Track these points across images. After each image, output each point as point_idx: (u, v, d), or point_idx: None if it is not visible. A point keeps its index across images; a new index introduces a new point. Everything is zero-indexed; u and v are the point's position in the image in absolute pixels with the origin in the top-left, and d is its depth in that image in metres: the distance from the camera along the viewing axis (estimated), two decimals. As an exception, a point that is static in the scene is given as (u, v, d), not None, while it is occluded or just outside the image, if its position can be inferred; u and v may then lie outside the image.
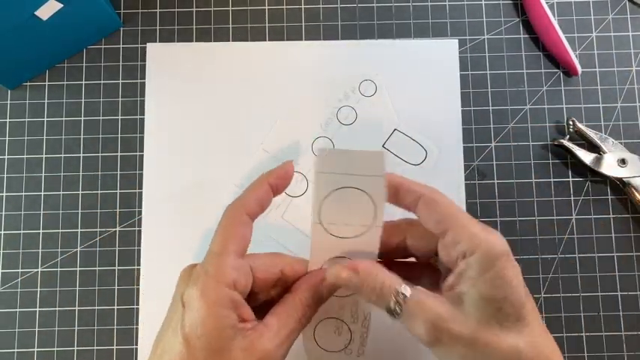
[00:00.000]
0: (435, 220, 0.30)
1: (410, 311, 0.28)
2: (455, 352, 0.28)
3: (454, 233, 0.29)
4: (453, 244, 0.29)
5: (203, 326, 0.28)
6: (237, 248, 0.30)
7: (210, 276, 0.29)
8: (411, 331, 0.29)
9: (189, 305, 0.29)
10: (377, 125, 0.44)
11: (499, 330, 0.27)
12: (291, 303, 0.31)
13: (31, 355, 0.42)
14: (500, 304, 0.27)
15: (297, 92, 0.44)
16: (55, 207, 0.43)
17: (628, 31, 0.46)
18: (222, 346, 0.28)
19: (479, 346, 0.27)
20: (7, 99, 0.45)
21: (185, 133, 0.44)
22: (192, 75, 0.45)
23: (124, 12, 0.46)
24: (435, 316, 0.28)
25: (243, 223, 0.31)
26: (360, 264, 0.30)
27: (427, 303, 0.28)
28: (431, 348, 0.29)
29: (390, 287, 0.29)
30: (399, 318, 0.29)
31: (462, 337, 0.27)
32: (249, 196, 0.31)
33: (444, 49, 0.45)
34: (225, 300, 0.28)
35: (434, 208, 0.30)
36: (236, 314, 0.29)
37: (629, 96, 0.45)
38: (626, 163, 0.42)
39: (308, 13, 0.46)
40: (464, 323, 0.28)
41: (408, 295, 0.28)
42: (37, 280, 0.43)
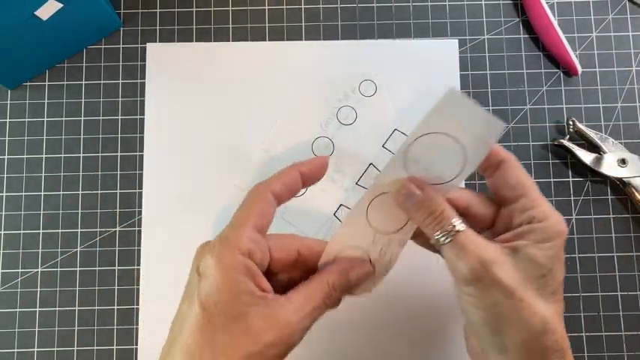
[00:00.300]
0: (512, 185, 0.31)
1: (460, 244, 0.29)
2: (490, 296, 0.28)
3: (527, 200, 0.30)
4: (523, 210, 0.30)
5: (219, 293, 0.28)
6: (257, 222, 0.30)
7: (226, 243, 0.29)
8: (451, 265, 0.30)
9: (204, 274, 0.28)
10: (377, 125, 0.44)
11: (536, 294, 0.29)
12: (317, 281, 0.31)
13: (31, 355, 0.42)
14: (545, 273, 0.29)
15: (297, 92, 0.44)
16: (55, 207, 0.43)
17: (628, 31, 0.46)
18: (240, 311, 0.28)
19: (514, 298, 0.28)
20: (7, 99, 0.45)
21: (185, 133, 0.44)
22: (192, 75, 0.45)
23: (124, 12, 0.46)
24: (485, 256, 0.28)
25: (267, 201, 0.31)
26: (427, 187, 0.31)
27: (479, 242, 0.29)
28: (465, 286, 0.29)
29: (448, 216, 0.30)
30: (444, 248, 0.30)
31: (504, 284, 0.28)
32: (277, 179, 0.32)
33: (444, 49, 0.45)
34: (241, 266, 0.28)
35: (514, 174, 0.31)
36: (253, 282, 0.28)
37: (629, 96, 0.45)
38: (626, 163, 0.42)
39: (308, 13, 0.46)
40: (510, 273, 0.28)
41: (463, 229, 0.29)
42: (37, 280, 0.43)
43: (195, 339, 0.28)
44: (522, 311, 0.28)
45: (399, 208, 0.32)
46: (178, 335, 0.28)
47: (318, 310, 0.30)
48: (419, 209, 0.31)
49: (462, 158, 0.31)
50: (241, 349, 0.27)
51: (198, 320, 0.28)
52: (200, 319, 0.28)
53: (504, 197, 0.31)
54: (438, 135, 0.32)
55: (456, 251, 0.29)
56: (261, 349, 0.28)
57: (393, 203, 0.32)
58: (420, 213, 0.31)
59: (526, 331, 0.28)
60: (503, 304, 0.28)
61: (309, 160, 0.33)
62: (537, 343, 0.28)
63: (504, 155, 0.32)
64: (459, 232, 0.29)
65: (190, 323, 0.28)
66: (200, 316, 0.28)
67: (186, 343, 0.28)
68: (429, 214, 0.30)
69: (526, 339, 0.28)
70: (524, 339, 0.28)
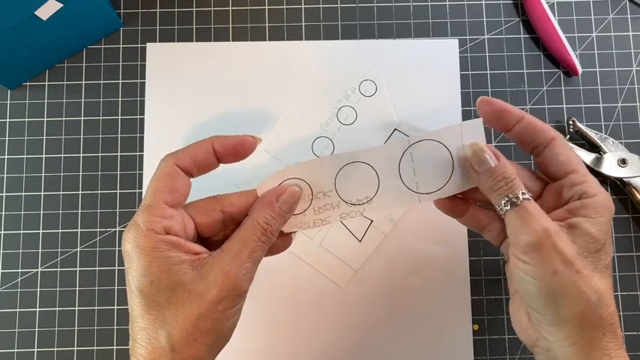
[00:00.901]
0: (561, 162, 0.32)
1: (526, 211, 0.30)
2: (549, 265, 0.29)
3: (577, 176, 0.31)
4: (572, 185, 0.31)
5: (149, 274, 0.29)
6: (168, 199, 0.31)
7: (140, 227, 0.29)
8: (513, 231, 0.31)
9: (130, 261, 0.29)
10: (377, 125, 0.44)
11: (592, 267, 0.29)
12: (248, 224, 0.31)
13: (31, 355, 0.42)
14: (599, 247, 0.30)
15: (297, 92, 0.44)
16: (55, 207, 0.43)
17: (628, 31, 0.46)
18: (176, 281, 0.29)
19: (572, 269, 0.29)
20: (7, 99, 0.45)
21: (185, 133, 0.44)
22: (192, 75, 0.45)
23: (124, 12, 0.46)
24: (549, 226, 0.29)
25: (175, 175, 0.31)
26: (501, 156, 0.32)
27: (543, 213, 0.30)
28: (524, 254, 0.30)
29: (519, 184, 0.31)
30: (507, 212, 0.31)
31: (564, 255, 0.29)
32: (185, 152, 0.32)
33: (444, 49, 0.45)
34: (162, 245, 0.29)
35: (563, 151, 0.32)
36: (181, 252, 0.29)
37: (629, 96, 0.45)
38: (626, 163, 0.42)
39: (308, 13, 0.46)
40: (569, 245, 0.29)
41: (530, 198, 0.30)
42: (37, 280, 0.43)
43: (147, 320, 0.29)
44: (580, 282, 0.29)
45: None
46: (134, 322, 0.29)
47: (256, 251, 0.31)
48: (491, 174, 0.32)
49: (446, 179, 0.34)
50: (190, 314, 0.28)
51: (142, 304, 0.29)
52: (143, 302, 0.29)
53: (553, 173, 0.32)
54: (443, 148, 0.34)
55: (521, 218, 0.30)
56: (208, 307, 0.29)
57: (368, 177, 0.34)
58: (492, 178, 0.32)
59: (583, 303, 0.29)
60: (561, 273, 0.29)
61: (228, 137, 0.33)
62: (593, 315, 0.29)
63: (554, 133, 0.33)
64: (526, 199, 0.30)
65: (137, 309, 0.29)
66: (142, 300, 0.29)
67: (140, 326, 0.29)
68: (502, 178, 0.31)
69: (582, 310, 0.29)
70: (580, 310, 0.29)
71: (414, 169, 0.34)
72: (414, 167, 0.34)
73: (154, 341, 0.29)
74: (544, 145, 0.33)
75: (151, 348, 0.29)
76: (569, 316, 0.29)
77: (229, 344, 0.38)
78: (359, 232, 0.42)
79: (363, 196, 0.34)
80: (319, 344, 0.42)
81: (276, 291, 0.42)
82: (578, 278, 0.29)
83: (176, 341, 0.28)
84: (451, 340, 0.42)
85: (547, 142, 0.32)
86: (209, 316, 0.29)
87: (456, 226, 0.43)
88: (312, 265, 0.42)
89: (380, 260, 0.42)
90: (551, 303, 0.30)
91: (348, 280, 0.42)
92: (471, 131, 0.34)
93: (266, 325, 0.42)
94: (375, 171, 0.34)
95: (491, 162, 0.32)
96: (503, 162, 0.32)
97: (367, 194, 0.34)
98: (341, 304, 0.42)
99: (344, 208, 0.35)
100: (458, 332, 0.42)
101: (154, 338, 0.29)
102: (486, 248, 0.43)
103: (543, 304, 0.30)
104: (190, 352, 0.29)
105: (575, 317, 0.29)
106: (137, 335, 0.29)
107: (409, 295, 0.42)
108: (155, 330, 0.29)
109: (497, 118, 0.34)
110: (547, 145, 0.33)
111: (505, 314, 0.42)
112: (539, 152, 0.33)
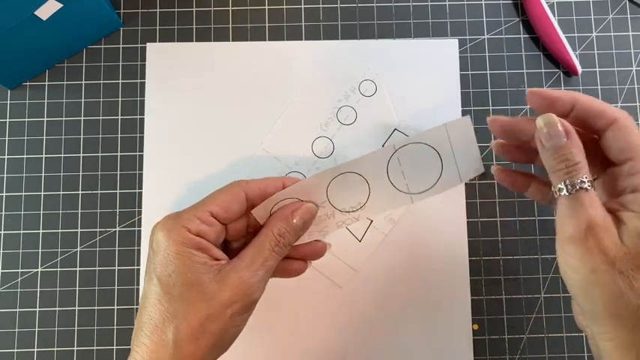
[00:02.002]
0: (620, 147, 0.29)
1: (578, 200, 0.28)
2: (590, 259, 0.28)
3: (633, 164, 0.29)
4: (629, 174, 0.29)
5: (172, 264, 0.30)
6: (216, 212, 0.32)
7: (177, 222, 0.31)
8: (562, 217, 0.29)
9: (157, 249, 0.30)
10: (377, 125, 0.44)
11: (637, 269, 0.27)
12: (264, 234, 0.33)
13: (31, 355, 0.42)
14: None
15: (297, 92, 0.44)
16: (55, 207, 0.43)
17: (628, 31, 0.46)
18: (195, 279, 0.30)
19: (614, 269, 0.27)
20: (7, 99, 0.45)
21: (185, 133, 0.44)
22: (192, 75, 0.45)
23: (124, 12, 0.46)
24: (597, 219, 0.28)
25: (236, 198, 0.33)
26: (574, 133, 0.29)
27: (597, 206, 0.28)
28: (568, 243, 0.29)
29: (581, 169, 0.28)
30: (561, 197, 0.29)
31: (607, 252, 0.27)
32: (257, 182, 0.34)
33: (444, 49, 0.45)
34: (192, 243, 0.30)
35: (623, 135, 0.29)
36: (206, 254, 0.31)
37: (629, 96, 0.45)
38: (626, 163, 0.42)
39: (308, 13, 0.46)
40: (615, 242, 0.27)
41: (589, 188, 0.28)
42: (37, 280, 0.43)
43: (158, 310, 0.30)
44: (620, 283, 0.27)
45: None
46: (143, 309, 0.30)
47: (269, 260, 0.32)
48: (556, 152, 0.29)
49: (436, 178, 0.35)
50: (200, 312, 0.29)
51: (158, 293, 0.30)
52: (159, 291, 0.30)
53: (614, 159, 0.30)
54: (430, 149, 0.35)
55: (571, 207, 0.28)
56: (218, 309, 0.30)
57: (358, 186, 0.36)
58: (555, 156, 0.29)
59: (621, 304, 0.27)
60: (601, 271, 0.27)
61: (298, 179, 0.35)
62: (632, 319, 0.27)
63: (615, 114, 0.30)
64: (584, 189, 0.28)
65: (151, 297, 0.30)
66: (158, 289, 0.30)
67: (150, 315, 0.30)
68: (565, 160, 0.29)
69: (618, 311, 0.27)
70: (616, 311, 0.27)
71: (403, 172, 0.36)
72: (402, 170, 0.36)
73: (159, 332, 0.29)
74: (604, 128, 0.30)
75: (155, 339, 0.29)
76: (604, 314, 0.28)
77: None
78: (359, 232, 0.42)
79: (355, 202, 0.36)
80: (319, 344, 0.42)
81: (276, 291, 0.42)
82: (619, 279, 0.27)
83: (180, 337, 0.29)
84: (451, 340, 0.42)
85: (607, 125, 0.30)
86: (217, 318, 0.30)
87: (456, 226, 0.43)
88: (312, 265, 0.42)
89: (380, 260, 0.42)
90: (588, 298, 0.28)
91: (348, 280, 0.42)
92: (458, 130, 0.35)
93: (266, 325, 0.42)
94: (365, 178, 0.36)
95: (561, 139, 0.29)
96: (572, 141, 0.29)
97: (359, 200, 0.36)
98: (341, 304, 0.42)
99: (339, 216, 0.36)
100: (458, 332, 0.42)
101: (160, 329, 0.29)
102: (486, 248, 0.43)
103: (581, 297, 0.29)
104: (190, 351, 0.29)
105: (611, 316, 0.28)
106: (144, 324, 0.30)
107: (409, 295, 0.42)
108: (163, 322, 0.29)
109: (550, 108, 0.31)
110: (607, 129, 0.30)
111: (505, 314, 0.42)
112: (600, 135, 0.31)
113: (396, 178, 0.36)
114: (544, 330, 0.42)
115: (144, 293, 0.31)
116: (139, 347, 0.29)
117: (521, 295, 0.43)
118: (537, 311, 0.42)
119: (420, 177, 0.35)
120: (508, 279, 0.43)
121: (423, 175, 0.35)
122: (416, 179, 0.35)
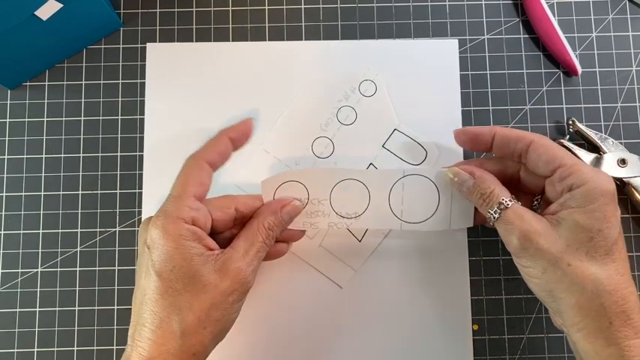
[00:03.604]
0: (545, 162, 0.33)
1: (508, 219, 0.32)
2: (538, 264, 0.31)
3: (563, 170, 0.32)
4: (560, 179, 0.32)
5: (172, 260, 0.30)
6: (196, 191, 0.33)
7: (170, 215, 0.31)
8: (503, 237, 0.33)
9: (154, 245, 0.31)
10: (377, 125, 0.44)
11: (586, 258, 0.30)
12: (255, 226, 0.34)
13: (31, 355, 0.42)
14: (593, 235, 0.30)
15: (297, 92, 0.44)
16: (55, 207, 0.43)
17: (628, 31, 0.46)
18: (195, 272, 0.30)
19: (561, 265, 0.30)
20: (7, 99, 0.45)
21: (185, 134, 0.44)
22: (192, 75, 0.45)
23: (124, 12, 0.46)
24: (529, 228, 0.31)
25: (202, 169, 0.34)
26: (477, 170, 0.35)
27: (525, 216, 0.32)
28: (516, 256, 0.33)
29: (497, 195, 0.33)
30: (495, 222, 0.33)
31: (548, 252, 0.30)
32: (209, 148, 0.35)
33: (444, 49, 0.45)
34: (188, 234, 0.31)
35: (544, 150, 0.33)
36: (201, 245, 0.31)
37: (629, 96, 0.45)
38: (626, 163, 0.42)
39: (308, 13, 0.46)
40: (554, 242, 0.30)
41: (510, 205, 0.32)
42: (37, 280, 0.43)
43: (161, 305, 0.30)
44: (571, 275, 0.29)
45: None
46: (143, 305, 0.30)
47: (262, 251, 0.34)
48: (472, 193, 0.34)
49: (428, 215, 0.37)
50: (205, 302, 0.30)
51: (159, 288, 0.30)
52: (160, 286, 0.30)
53: (544, 174, 0.33)
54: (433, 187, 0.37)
55: (505, 226, 0.32)
56: (221, 298, 0.31)
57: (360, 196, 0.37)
58: (473, 196, 0.34)
59: (578, 294, 0.29)
60: (550, 269, 0.30)
61: (236, 125, 0.36)
62: (593, 304, 0.29)
63: (530, 137, 0.33)
64: (507, 208, 0.32)
65: (152, 292, 0.30)
66: (159, 284, 0.30)
67: (152, 310, 0.30)
68: (480, 195, 0.34)
69: (578, 301, 0.29)
70: (576, 301, 0.29)
71: (403, 198, 0.37)
72: (402, 196, 0.37)
73: (165, 325, 0.30)
74: (525, 150, 0.34)
75: (161, 332, 0.30)
76: (567, 307, 0.30)
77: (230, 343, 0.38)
78: (359, 232, 0.42)
79: (352, 210, 0.38)
80: (319, 344, 0.42)
81: (276, 291, 0.42)
82: (569, 271, 0.30)
83: (188, 327, 0.30)
84: (451, 340, 0.42)
85: (526, 147, 0.33)
86: (220, 306, 0.31)
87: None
88: (312, 265, 0.42)
89: (380, 260, 0.42)
90: (549, 296, 0.31)
91: (348, 280, 0.42)
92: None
93: (266, 325, 0.42)
94: (369, 191, 0.37)
95: (469, 181, 0.34)
96: (479, 177, 0.34)
97: (356, 210, 0.38)
98: (341, 304, 0.42)
99: (333, 218, 0.38)
100: (458, 332, 0.42)
101: (165, 323, 0.30)
102: (486, 248, 0.43)
103: (545, 298, 0.32)
104: (198, 339, 0.30)
105: (573, 308, 0.30)
106: (146, 320, 0.30)
107: (409, 295, 0.42)
108: (168, 315, 0.30)
109: (475, 142, 0.36)
110: (527, 150, 0.33)
111: (505, 314, 0.42)
112: (524, 159, 0.34)
113: (395, 202, 0.37)
114: (544, 330, 0.42)
115: (141, 290, 0.31)
116: (143, 342, 0.30)
117: (521, 295, 0.43)
118: (537, 311, 0.42)
119: (416, 209, 0.37)
120: (508, 279, 0.43)
121: (419, 208, 0.37)
122: (411, 209, 0.37)
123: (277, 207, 0.36)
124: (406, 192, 0.37)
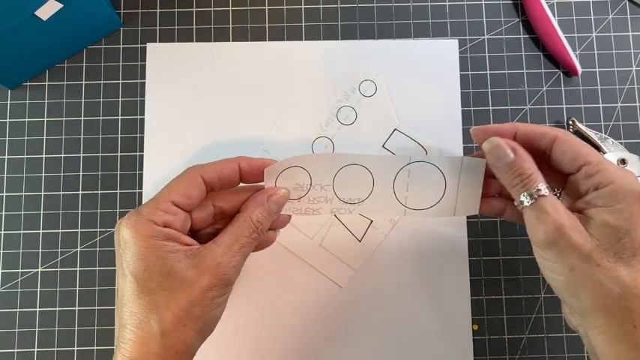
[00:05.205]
0: (570, 158, 0.31)
1: (541, 207, 0.30)
2: (566, 259, 0.29)
3: (589, 168, 0.30)
4: (586, 177, 0.31)
5: (144, 259, 0.30)
6: (178, 200, 0.32)
7: (142, 216, 0.31)
8: (530, 227, 0.31)
9: (126, 246, 0.30)
10: (377, 125, 0.44)
11: (614, 259, 0.29)
12: (241, 220, 0.33)
13: (31, 355, 0.42)
14: (621, 235, 0.29)
15: (297, 92, 0.44)
16: (55, 207, 0.43)
17: (628, 31, 0.46)
18: (170, 268, 0.30)
19: (590, 263, 0.29)
20: (7, 99, 0.45)
21: (185, 133, 0.44)
22: (193, 75, 0.45)
23: (124, 12, 0.46)
24: (564, 222, 0.29)
25: (194, 183, 0.33)
26: (519, 148, 0.32)
27: (560, 208, 0.30)
28: (541, 249, 0.30)
29: (535, 180, 0.31)
30: (526, 208, 0.31)
31: (579, 249, 0.29)
32: (213, 166, 0.34)
33: (444, 49, 0.45)
34: (160, 234, 0.30)
35: (569, 148, 0.31)
36: (176, 242, 0.31)
37: (629, 96, 0.45)
38: (626, 163, 0.42)
39: (308, 13, 0.46)
40: (586, 239, 0.29)
41: (547, 194, 0.30)
42: (37, 280, 0.43)
43: (138, 305, 0.30)
44: (599, 275, 0.28)
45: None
46: (123, 307, 0.30)
47: (246, 246, 0.32)
48: (509, 170, 0.32)
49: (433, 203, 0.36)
50: (182, 300, 0.30)
51: (135, 288, 0.30)
52: (135, 287, 0.30)
53: (568, 171, 0.32)
54: (440, 174, 0.36)
55: (537, 214, 0.30)
56: (200, 294, 0.30)
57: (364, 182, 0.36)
58: (509, 174, 0.32)
59: (604, 296, 0.28)
60: (579, 268, 0.29)
61: (253, 158, 0.35)
62: (618, 308, 0.28)
63: (554, 132, 0.32)
64: (543, 196, 0.30)
65: (129, 293, 0.30)
66: (135, 285, 0.30)
67: (131, 311, 0.30)
68: (518, 175, 0.31)
69: (605, 303, 0.29)
70: (602, 303, 0.29)
71: (408, 185, 0.36)
72: (407, 183, 0.36)
73: (144, 325, 0.29)
74: (549, 147, 0.32)
75: (140, 332, 0.29)
76: (591, 309, 0.29)
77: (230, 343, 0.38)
78: (359, 232, 0.42)
79: (355, 196, 0.37)
80: (319, 344, 0.42)
81: (276, 291, 0.42)
82: (597, 272, 0.28)
83: (167, 326, 0.29)
84: (451, 340, 0.42)
85: (550, 143, 0.32)
86: (199, 303, 0.30)
87: (456, 226, 0.43)
88: (312, 265, 0.42)
89: (380, 260, 0.42)
90: (573, 296, 0.30)
91: (348, 280, 0.42)
92: (471, 168, 0.35)
93: (266, 325, 0.42)
94: (372, 177, 0.36)
95: (509, 157, 0.32)
96: (521, 156, 0.32)
97: (360, 196, 0.37)
98: (341, 304, 0.42)
99: (336, 203, 0.37)
100: (458, 332, 0.42)
101: (144, 322, 0.29)
102: (486, 248, 0.43)
103: (567, 297, 0.30)
104: (180, 337, 0.30)
105: (598, 310, 0.29)
106: (126, 321, 0.30)
107: (409, 295, 0.42)
108: (146, 314, 0.29)
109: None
110: (552, 147, 0.32)
111: (505, 314, 0.42)
112: (548, 155, 0.33)
113: (399, 188, 0.37)
114: (544, 330, 0.42)
115: (120, 291, 0.31)
116: (125, 344, 0.30)
117: (521, 295, 0.43)
118: (537, 311, 0.42)
119: (420, 195, 0.36)
120: (508, 279, 0.43)
121: (424, 195, 0.36)
122: (416, 196, 0.36)
123: (264, 198, 0.34)
124: (411, 179, 0.36)
